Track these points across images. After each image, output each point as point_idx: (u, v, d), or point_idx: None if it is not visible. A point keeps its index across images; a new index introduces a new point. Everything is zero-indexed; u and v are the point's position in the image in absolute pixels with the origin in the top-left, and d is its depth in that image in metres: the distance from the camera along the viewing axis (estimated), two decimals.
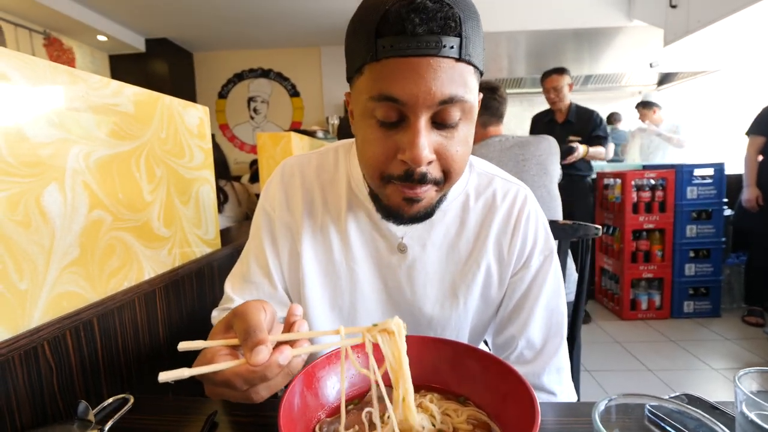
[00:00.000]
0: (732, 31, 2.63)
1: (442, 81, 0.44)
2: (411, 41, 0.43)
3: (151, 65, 4.33)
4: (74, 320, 0.57)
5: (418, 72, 0.44)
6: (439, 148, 0.48)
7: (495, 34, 3.77)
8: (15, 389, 0.49)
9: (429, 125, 0.47)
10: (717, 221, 2.80)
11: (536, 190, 1.62)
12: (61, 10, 3.21)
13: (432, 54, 0.43)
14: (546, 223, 0.66)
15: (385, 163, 0.49)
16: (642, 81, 4.16)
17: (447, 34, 0.43)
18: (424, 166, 0.48)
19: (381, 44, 0.44)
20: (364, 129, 0.50)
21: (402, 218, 0.54)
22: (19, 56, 0.53)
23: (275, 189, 0.66)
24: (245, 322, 0.37)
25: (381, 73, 0.45)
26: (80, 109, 0.62)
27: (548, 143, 1.72)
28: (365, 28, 0.45)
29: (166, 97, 0.82)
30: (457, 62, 0.45)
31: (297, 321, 0.40)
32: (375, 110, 0.47)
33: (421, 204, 0.52)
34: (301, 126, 4.84)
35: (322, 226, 0.63)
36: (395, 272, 0.63)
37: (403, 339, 0.41)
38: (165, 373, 0.34)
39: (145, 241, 0.74)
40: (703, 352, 2.37)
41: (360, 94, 0.49)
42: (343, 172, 0.65)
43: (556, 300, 0.64)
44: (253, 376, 0.36)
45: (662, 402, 0.36)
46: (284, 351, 0.37)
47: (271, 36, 4.36)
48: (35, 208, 0.53)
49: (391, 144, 0.48)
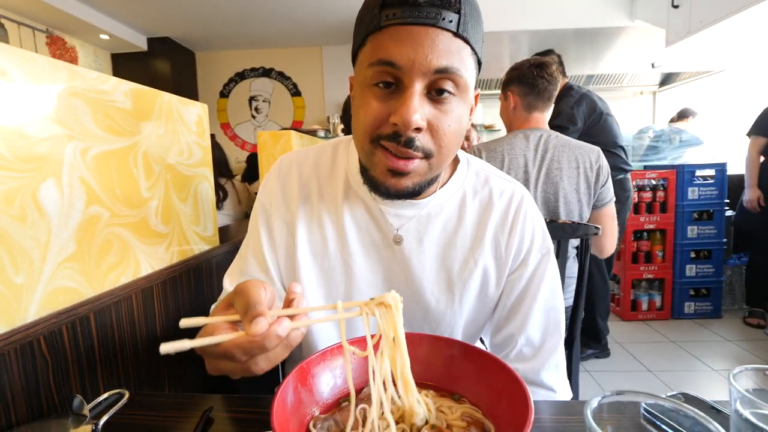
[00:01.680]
0: (734, 32, 2.62)
1: (439, 51, 0.47)
2: (413, 10, 0.46)
3: (154, 64, 4.34)
4: (70, 315, 0.57)
5: (417, 39, 0.46)
6: (432, 119, 0.50)
7: (497, 34, 3.76)
8: (10, 383, 0.49)
9: (423, 94, 0.49)
10: (718, 222, 2.79)
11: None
12: (64, 9, 3.22)
13: (431, 24, 0.46)
14: (543, 222, 0.66)
15: (376, 125, 0.50)
16: (644, 81, 4.14)
17: (447, 8, 0.46)
18: (412, 131, 0.49)
19: (385, 14, 0.47)
20: (361, 98, 0.52)
21: (388, 192, 0.54)
22: (18, 52, 0.53)
23: (272, 183, 0.67)
24: (246, 297, 0.38)
25: (382, 40, 0.48)
26: (78, 105, 0.62)
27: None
28: (372, 3, 0.49)
29: (164, 94, 0.82)
30: (454, 37, 0.47)
31: (296, 297, 0.41)
32: (372, 76, 0.49)
33: (408, 178, 0.52)
34: (303, 125, 4.84)
35: (319, 217, 0.64)
36: (391, 265, 0.63)
37: (400, 313, 0.41)
38: (166, 344, 0.33)
39: (142, 238, 0.74)
40: (703, 353, 2.37)
41: (361, 66, 0.51)
42: (341, 165, 0.65)
43: (554, 298, 0.64)
44: (252, 346, 0.36)
45: (658, 400, 0.36)
46: (283, 322, 0.37)
47: (272, 35, 4.36)
48: (31, 202, 0.54)
49: (385, 109, 0.50)
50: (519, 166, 1.33)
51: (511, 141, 1.36)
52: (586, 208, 1.35)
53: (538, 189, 1.33)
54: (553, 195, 1.33)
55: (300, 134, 1.69)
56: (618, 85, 4.14)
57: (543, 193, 1.34)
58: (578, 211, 1.35)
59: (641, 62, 3.73)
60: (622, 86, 4.20)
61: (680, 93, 4.34)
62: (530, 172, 1.33)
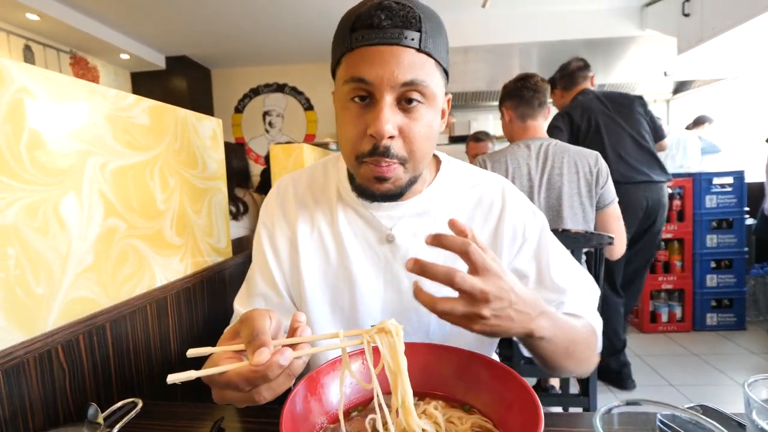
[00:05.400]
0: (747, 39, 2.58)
1: (404, 66, 0.52)
2: (378, 32, 0.52)
3: (171, 81, 4.47)
4: (87, 324, 0.59)
5: (384, 58, 0.52)
6: (403, 127, 0.55)
7: (508, 46, 3.78)
8: (29, 391, 0.50)
9: (393, 106, 0.54)
10: (739, 230, 2.72)
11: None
12: (87, 31, 3.36)
13: (395, 43, 0.52)
14: (528, 202, 0.70)
15: (358, 142, 0.56)
16: (657, 89, 4.10)
17: (408, 28, 0.52)
18: (387, 140, 0.54)
19: (354, 37, 0.53)
20: (342, 113, 0.58)
21: (374, 195, 0.60)
22: (42, 72, 0.55)
23: (272, 203, 0.71)
24: (250, 327, 0.39)
25: (354, 59, 0.54)
26: (98, 122, 0.64)
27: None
28: (344, 27, 0.55)
29: (180, 109, 0.85)
30: (417, 52, 0.53)
31: (300, 327, 0.42)
32: (349, 92, 0.55)
33: (390, 182, 0.58)
34: (315, 138, 4.91)
35: (317, 228, 0.67)
36: (390, 264, 0.65)
37: (400, 339, 0.42)
38: (174, 375, 0.36)
39: (157, 249, 0.76)
40: (728, 366, 2.28)
41: (339, 82, 0.57)
42: (333, 179, 0.70)
43: (568, 257, 0.69)
44: (254, 376, 0.38)
45: (675, 411, 0.35)
46: (285, 352, 0.38)
47: (286, 52, 4.47)
48: (53, 215, 0.56)
49: (362, 123, 0.55)
50: (523, 174, 1.43)
51: (513, 151, 1.48)
52: (590, 209, 1.43)
53: (541, 194, 1.43)
54: (557, 199, 1.41)
55: (312, 147, 1.72)
56: (630, 93, 4.11)
57: (547, 198, 1.43)
58: (582, 213, 1.43)
59: (653, 71, 3.70)
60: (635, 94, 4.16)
61: (694, 100, 4.27)
62: (534, 178, 1.43)
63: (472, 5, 3.43)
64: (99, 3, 3.17)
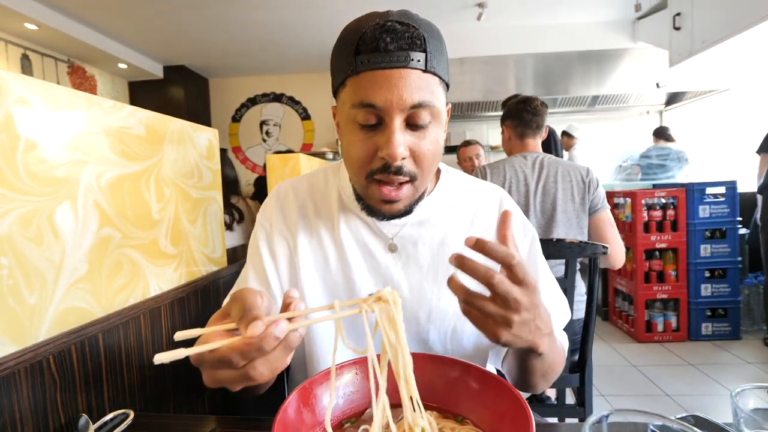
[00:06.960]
0: (739, 51, 2.64)
1: (411, 89, 0.52)
2: (384, 56, 0.51)
3: (169, 91, 4.49)
4: (80, 335, 0.59)
5: (391, 81, 0.51)
6: (412, 146, 0.55)
7: (503, 57, 3.83)
8: (19, 402, 0.50)
9: (403, 126, 0.54)
10: (732, 240, 2.74)
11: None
12: (85, 40, 3.38)
13: (402, 66, 0.51)
14: (521, 214, 0.72)
15: (368, 162, 0.56)
16: (650, 101, 4.16)
17: (414, 49, 0.52)
18: (399, 161, 0.54)
19: (359, 60, 0.52)
20: (348, 134, 0.57)
21: (384, 216, 0.61)
22: (39, 83, 0.56)
23: (271, 206, 0.70)
24: (241, 303, 0.37)
25: (360, 84, 0.53)
26: (94, 132, 0.65)
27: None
28: (346, 48, 0.54)
29: (176, 120, 0.85)
30: (423, 73, 0.53)
31: (293, 302, 0.40)
32: (356, 116, 0.54)
33: (399, 203, 0.58)
34: (312, 148, 4.93)
35: (317, 234, 0.67)
36: (390, 272, 0.65)
37: (399, 307, 0.41)
38: (161, 354, 0.33)
39: (152, 259, 0.76)
40: (723, 376, 2.28)
41: (344, 104, 0.56)
42: (334, 186, 0.70)
43: (551, 275, 0.70)
44: (249, 349, 0.36)
45: (665, 421, 0.36)
46: (280, 324, 0.36)
47: (283, 62, 4.51)
48: (47, 225, 0.56)
49: (371, 144, 0.55)
50: (520, 180, 1.54)
51: (511, 161, 1.60)
52: (583, 215, 1.53)
53: (537, 199, 1.53)
54: (551, 204, 1.51)
55: (308, 156, 1.73)
56: (624, 105, 4.15)
57: (542, 202, 1.53)
58: (575, 218, 1.52)
59: (646, 82, 3.75)
60: (628, 106, 4.21)
61: (687, 111, 4.33)
62: (530, 184, 1.53)
63: (468, 17, 3.48)
64: (97, 13, 3.20)
